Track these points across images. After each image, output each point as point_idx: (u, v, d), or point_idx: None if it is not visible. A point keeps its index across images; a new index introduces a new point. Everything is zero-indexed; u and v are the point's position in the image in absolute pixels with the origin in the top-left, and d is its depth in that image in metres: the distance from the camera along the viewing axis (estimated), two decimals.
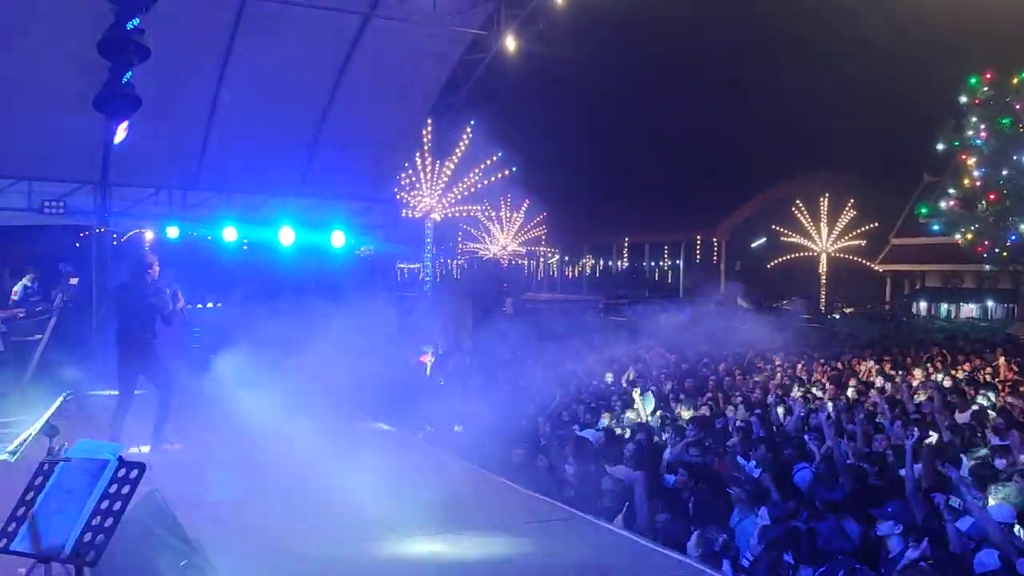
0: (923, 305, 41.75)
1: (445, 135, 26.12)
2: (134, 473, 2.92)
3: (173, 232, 15.07)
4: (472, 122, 27.33)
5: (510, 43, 15.58)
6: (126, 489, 2.91)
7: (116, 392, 8.87)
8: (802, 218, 42.62)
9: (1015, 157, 25.24)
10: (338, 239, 15.34)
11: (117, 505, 2.88)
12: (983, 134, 26.07)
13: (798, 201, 42.41)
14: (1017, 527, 6.00)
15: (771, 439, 9.17)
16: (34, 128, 13.29)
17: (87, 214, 14.84)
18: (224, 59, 13.99)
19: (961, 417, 10.60)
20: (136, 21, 9.93)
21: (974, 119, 26.26)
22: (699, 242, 49.80)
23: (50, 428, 3.68)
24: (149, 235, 17.91)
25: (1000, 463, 7.72)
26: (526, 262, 53.34)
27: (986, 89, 26.08)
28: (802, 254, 43.44)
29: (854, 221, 42.06)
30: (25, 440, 6.30)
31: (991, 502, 6.37)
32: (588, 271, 55.62)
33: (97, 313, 14.03)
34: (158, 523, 4.79)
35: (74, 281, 10.30)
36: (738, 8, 41.00)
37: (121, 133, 11.09)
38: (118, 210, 15.13)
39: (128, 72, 10.16)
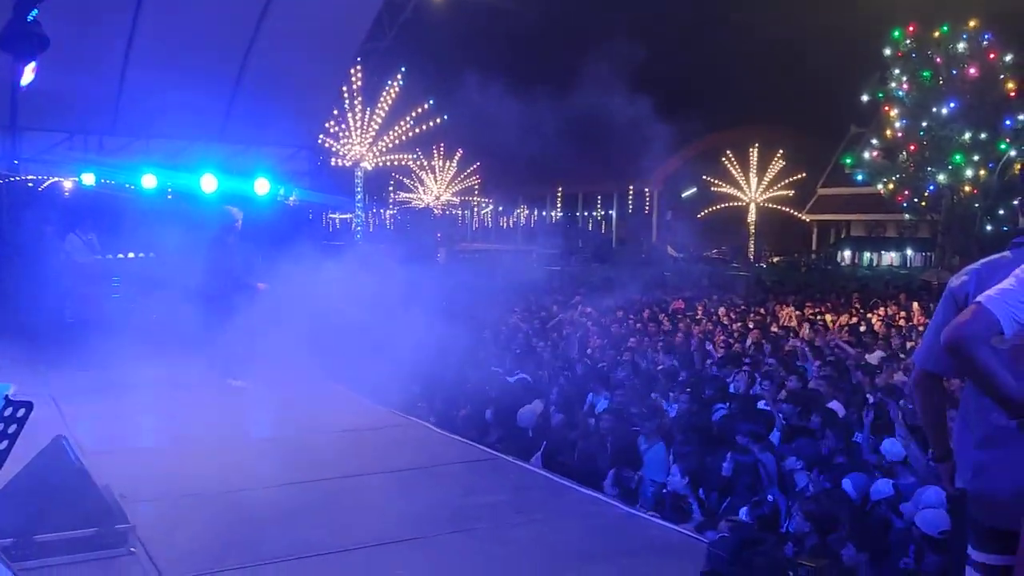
0: (847, 254, 42.99)
1: (374, 82, 25.74)
2: (21, 412, 2.86)
3: (89, 179, 14.51)
4: (403, 68, 26.93)
5: None
6: (12, 428, 2.84)
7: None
8: (732, 168, 43.26)
9: (935, 109, 25.91)
10: (262, 187, 14.93)
11: (3, 444, 2.82)
12: (905, 86, 26.66)
13: (728, 152, 43.00)
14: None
15: (694, 381, 9.40)
16: None
17: None
18: None
19: (872, 358, 11.03)
20: None
21: (897, 71, 26.81)
22: (631, 192, 50.21)
23: None
24: (68, 183, 17.30)
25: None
26: (460, 212, 53.18)
27: (909, 42, 26.61)
28: (732, 204, 44.17)
29: (783, 172, 42.85)
30: None
31: None
32: (523, 221, 55.70)
33: (7, 263, 13.57)
34: (63, 468, 4.72)
35: None
36: None
37: (29, 74, 10.58)
38: (28, 156, 14.52)
39: (34, 10, 9.71)
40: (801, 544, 5.19)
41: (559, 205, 55.80)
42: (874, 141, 28.70)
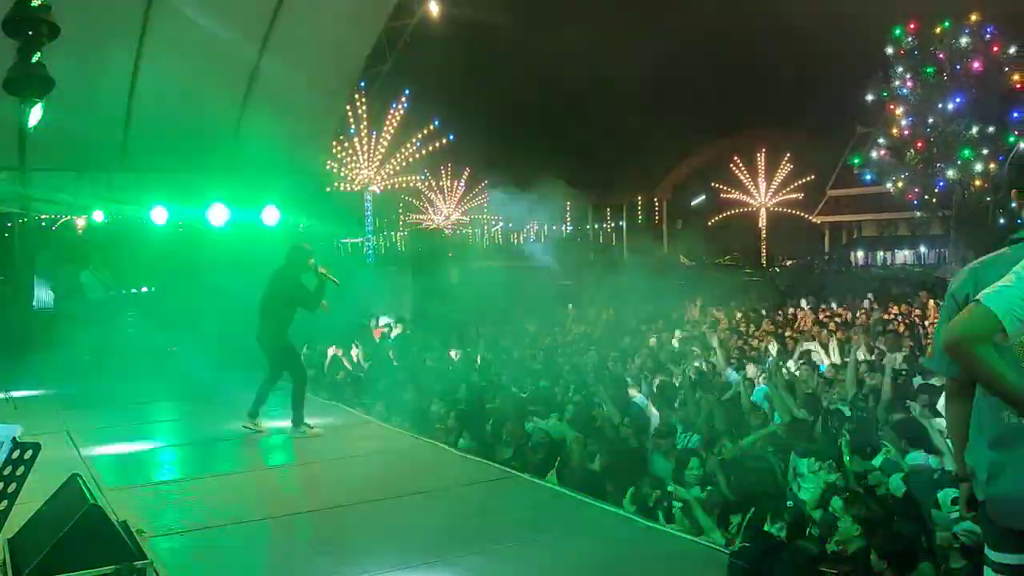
0: (860, 254, 42.78)
1: (378, 105, 25.88)
2: (28, 454, 2.87)
3: (99, 216, 14.66)
4: (407, 91, 27.12)
5: (433, 7, 15.37)
6: (21, 470, 2.86)
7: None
8: (740, 174, 43.20)
9: (940, 105, 25.81)
10: (271, 215, 15.01)
11: (12, 486, 2.83)
12: (909, 84, 26.59)
13: (735, 157, 42.97)
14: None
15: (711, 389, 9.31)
16: None
17: (6, 201, 14.36)
18: (140, 34, 13.58)
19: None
20: None
21: (900, 69, 26.75)
22: (640, 203, 50.17)
23: None
24: (80, 222, 17.46)
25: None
26: (471, 231, 53.29)
27: (911, 39, 26.56)
28: (742, 210, 44.08)
29: (791, 175, 42.76)
30: None
31: None
32: (533, 236, 55.69)
33: (24, 303, 13.70)
34: (80, 506, 4.72)
35: None
36: None
37: (36, 115, 10.73)
38: (40, 196, 14.65)
39: (37, 52, 9.82)
40: (824, 548, 5.11)
41: (568, 219, 55.78)
42: (881, 140, 28.58)
